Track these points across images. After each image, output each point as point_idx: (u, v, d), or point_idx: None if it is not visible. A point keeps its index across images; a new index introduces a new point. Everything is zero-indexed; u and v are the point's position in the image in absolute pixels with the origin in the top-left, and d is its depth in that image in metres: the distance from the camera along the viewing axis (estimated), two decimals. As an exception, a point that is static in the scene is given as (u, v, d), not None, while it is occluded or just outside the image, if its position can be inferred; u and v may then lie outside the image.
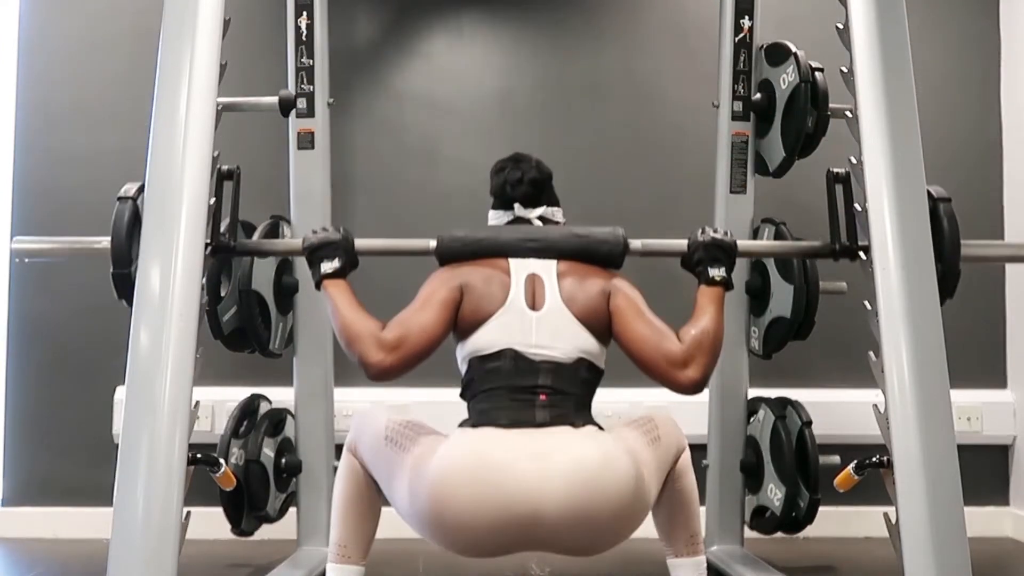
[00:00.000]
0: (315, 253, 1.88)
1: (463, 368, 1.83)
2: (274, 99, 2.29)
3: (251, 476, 2.45)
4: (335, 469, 2.66)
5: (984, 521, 3.10)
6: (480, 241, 1.88)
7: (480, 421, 1.72)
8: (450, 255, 1.90)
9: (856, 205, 1.97)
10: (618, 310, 1.80)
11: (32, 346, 3.08)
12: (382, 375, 1.74)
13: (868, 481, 1.97)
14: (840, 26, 2.04)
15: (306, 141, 2.64)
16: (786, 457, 2.53)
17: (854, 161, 1.97)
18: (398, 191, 3.16)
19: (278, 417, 2.64)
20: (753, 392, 2.75)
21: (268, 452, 2.53)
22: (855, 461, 1.97)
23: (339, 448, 2.69)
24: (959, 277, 1.96)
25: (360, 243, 1.93)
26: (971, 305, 3.19)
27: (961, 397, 3.00)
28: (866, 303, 1.88)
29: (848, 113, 2.02)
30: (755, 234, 2.69)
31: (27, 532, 2.99)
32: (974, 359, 3.14)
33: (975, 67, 3.26)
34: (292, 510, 2.71)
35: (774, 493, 2.59)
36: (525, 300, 1.80)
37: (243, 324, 2.43)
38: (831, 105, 2.40)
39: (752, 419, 2.74)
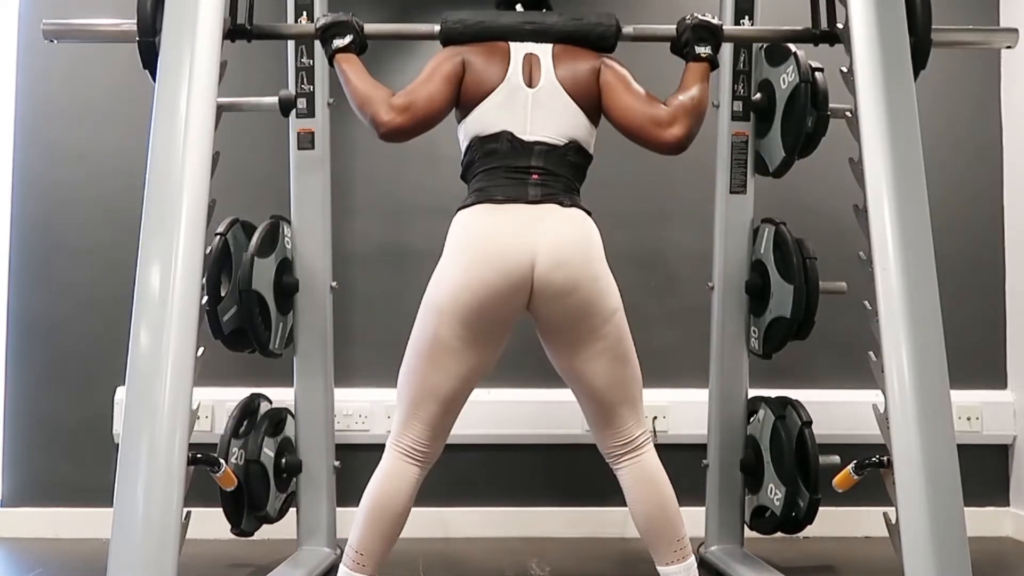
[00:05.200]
0: (327, 32, 2.01)
1: (464, 148, 1.98)
2: (274, 99, 2.29)
3: (251, 476, 2.45)
4: (335, 469, 2.69)
5: (984, 521, 3.10)
6: (482, 23, 2.00)
7: (479, 199, 1.88)
8: (453, 37, 2.01)
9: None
10: (607, 84, 1.95)
11: (32, 346, 3.08)
12: (392, 133, 1.91)
13: (868, 481, 1.97)
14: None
15: (306, 141, 2.64)
16: (786, 457, 2.53)
17: (854, 160, 1.97)
18: (398, 191, 3.16)
19: (278, 417, 2.64)
20: (753, 392, 2.75)
21: (268, 452, 2.53)
22: (855, 461, 1.98)
23: (339, 448, 2.74)
24: (930, 49, 2.07)
25: (369, 27, 2.06)
26: (971, 305, 3.20)
27: (961, 397, 3.01)
28: (866, 303, 1.88)
29: (848, 113, 2.02)
30: (755, 234, 2.69)
31: (27, 532, 2.99)
32: (974, 359, 3.14)
33: (975, 67, 3.26)
34: (292, 510, 2.70)
35: (774, 493, 2.59)
36: (523, 77, 1.92)
37: (243, 324, 2.43)
38: (831, 105, 2.40)
39: (752, 419, 2.74)
